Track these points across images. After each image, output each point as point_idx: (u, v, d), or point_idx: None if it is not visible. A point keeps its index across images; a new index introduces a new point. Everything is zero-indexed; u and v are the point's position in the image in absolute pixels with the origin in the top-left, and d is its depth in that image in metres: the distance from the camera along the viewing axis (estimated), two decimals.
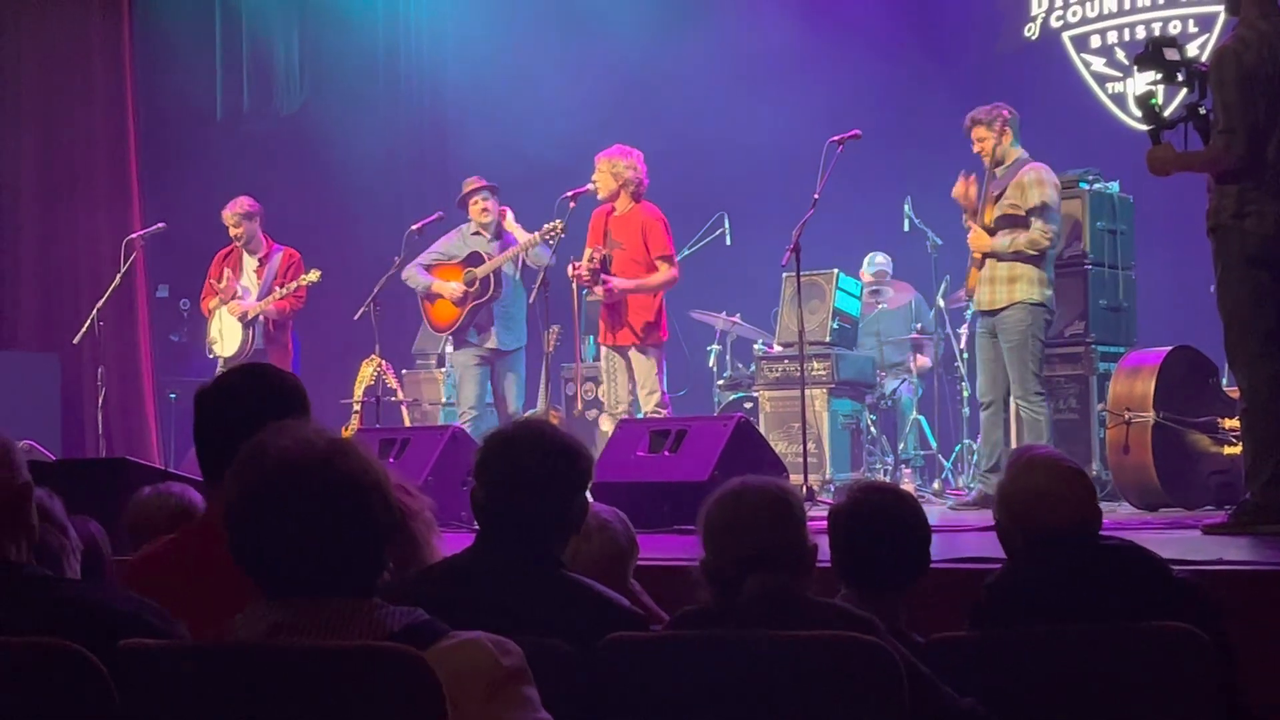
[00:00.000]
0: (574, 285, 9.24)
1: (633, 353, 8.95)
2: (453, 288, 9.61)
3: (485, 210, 9.70)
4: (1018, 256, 8.08)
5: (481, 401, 9.68)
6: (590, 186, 9.12)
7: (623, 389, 9.08)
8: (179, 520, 4.05)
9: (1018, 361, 8.12)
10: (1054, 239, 8.11)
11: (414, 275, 9.76)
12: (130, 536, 4.32)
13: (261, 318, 9.91)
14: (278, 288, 9.90)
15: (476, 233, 9.76)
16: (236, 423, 2.94)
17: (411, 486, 3.39)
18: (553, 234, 9.25)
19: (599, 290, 8.93)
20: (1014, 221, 8.10)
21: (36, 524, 2.70)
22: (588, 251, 8.98)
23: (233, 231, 10.05)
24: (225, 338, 10.01)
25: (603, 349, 9.22)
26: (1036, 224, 8.04)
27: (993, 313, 8.20)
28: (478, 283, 9.56)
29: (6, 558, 2.60)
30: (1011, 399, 8.20)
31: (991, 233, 8.16)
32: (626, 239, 8.96)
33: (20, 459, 2.66)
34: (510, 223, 9.75)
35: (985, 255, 8.18)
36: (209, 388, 3.22)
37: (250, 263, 10.09)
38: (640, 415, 8.78)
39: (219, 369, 9.90)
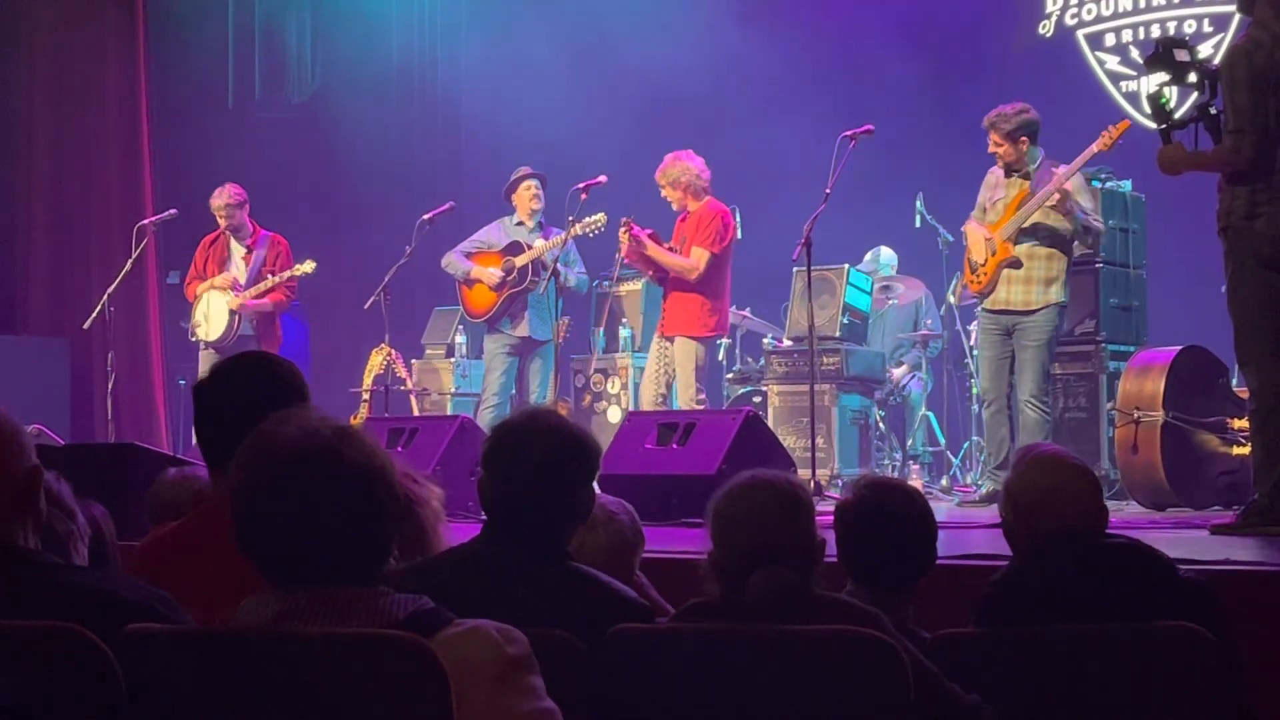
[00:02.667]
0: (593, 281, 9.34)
1: (678, 343, 9.03)
2: (491, 273, 9.68)
3: (537, 197, 9.81)
4: (1056, 238, 8.04)
5: (506, 391, 9.75)
6: (602, 179, 9.20)
7: (663, 380, 9.14)
8: (200, 503, 4.06)
9: (1037, 363, 8.07)
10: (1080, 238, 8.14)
11: (454, 261, 9.86)
12: (151, 517, 4.32)
13: (251, 307, 9.87)
14: (269, 275, 9.88)
15: (519, 223, 9.85)
16: (237, 410, 2.96)
17: (419, 475, 3.40)
18: (594, 226, 9.33)
19: (623, 235, 9.07)
20: (1046, 228, 8.08)
21: (44, 509, 2.70)
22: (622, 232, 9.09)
23: (223, 222, 10.02)
24: (211, 321, 9.95)
25: (656, 338, 9.32)
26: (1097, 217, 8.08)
27: (1022, 312, 8.12)
28: (516, 271, 9.62)
29: (14, 543, 2.60)
30: (1018, 398, 8.16)
31: (1022, 234, 8.13)
32: (691, 234, 9.06)
33: (28, 443, 2.66)
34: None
35: (1011, 255, 8.15)
36: (207, 377, 3.22)
37: (238, 249, 10.06)
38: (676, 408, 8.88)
39: (201, 352, 9.89)
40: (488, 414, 9.45)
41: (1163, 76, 6.03)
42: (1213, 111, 5.97)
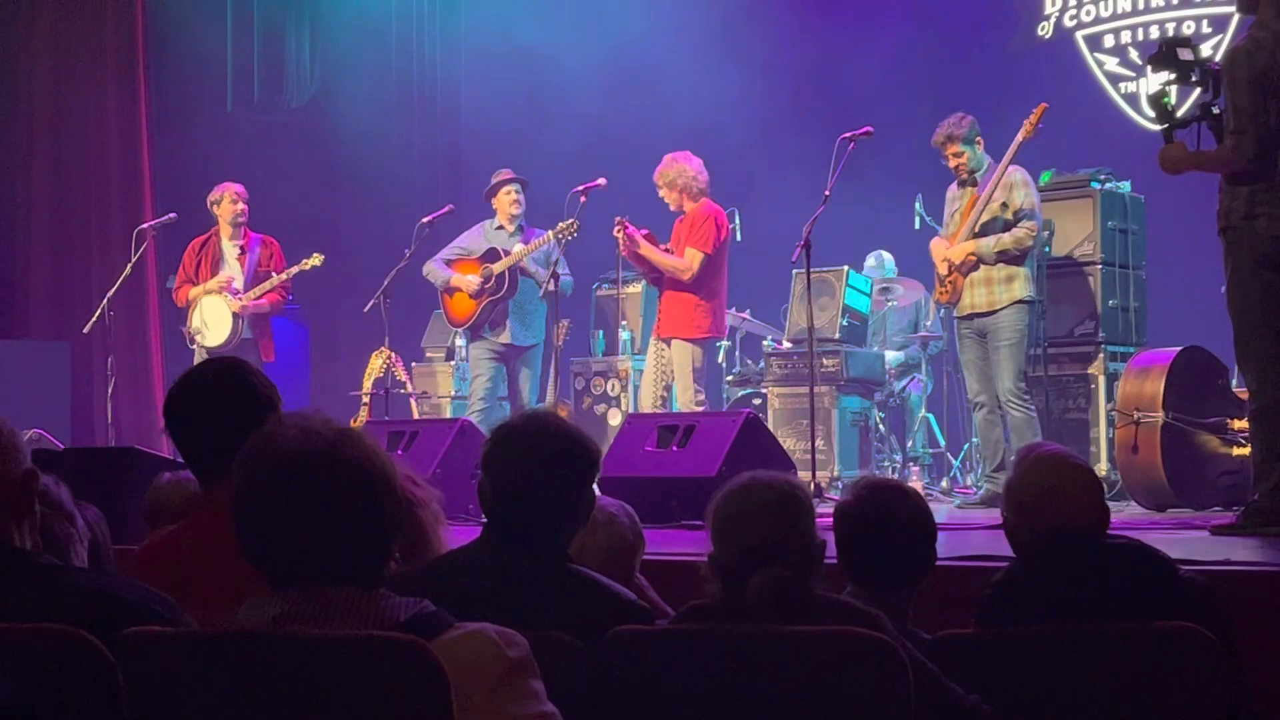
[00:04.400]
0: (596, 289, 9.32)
1: (674, 345, 9.04)
2: (470, 281, 9.63)
3: (517, 202, 9.75)
4: (1002, 257, 8.12)
5: (492, 395, 9.71)
6: (601, 182, 9.21)
7: (662, 383, 9.16)
8: (196, 506, 4.07)
9: (1010, 361, 8.13)
10: (1036, 238, 8.20)
11: (434, 270, 9.80)
12: (148, 521, 4.34)
13: (251, 309, 9.85)
14: (274, 273, 9.86)
15: (499, 227, 9.81)
16: (209, 418, 2.99)
17: (419, 478, 3.40)
18: (568, 233, 9.31)
19: (618, 234, 9.09)
20: (1001, 223, 8.15)
21: (38, 510, 2.70)
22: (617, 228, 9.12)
23: (238, 208, 9.88)
24: (211, 326, 9.87)
25: (653, 340, 9.35)
26: (1023, 224, 8.10)
27: (987, 313, 8.21)
28: (494, 279, 9.58)
29: (11, 544, 2.60)
30: (1000, 400, 8.19)
31: (976, 236, 8.19)
32: (685, 235, 9.12)
33: (23, 446, 2.67)
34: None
35: (970, 261, 8.19)
36: (176, 389, 3.22)
37: (231, 250, 9.98)
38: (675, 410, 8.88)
39: (198, 359, 9.79)
40: (474, 418, 9.43)
41: (1166, 75, 6.03)
42: (1215, 111, 5.96)
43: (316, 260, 9.90)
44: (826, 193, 8.32)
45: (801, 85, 12.08)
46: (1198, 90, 6.17)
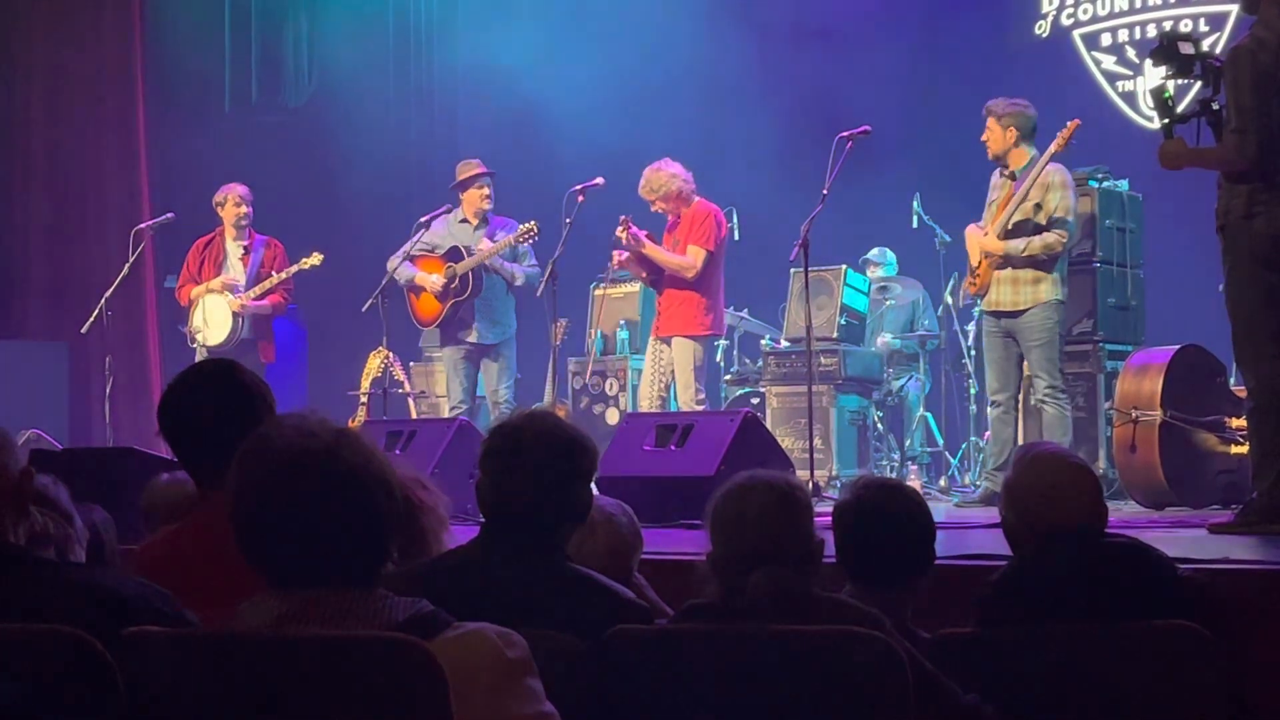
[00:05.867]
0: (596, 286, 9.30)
1: (675, 343, 9.04)
2: (434, 281, 9.59)
3: (488, 198, 9.71)
4: (1030, 261, 8.09)
5: (470, 395, 9.71)
6: (599, 181, 9.19)
7: (660, 383, 9.16)
8: (194, 507, 4.08)
9: (1045, 360, 8.09)
10: (1068, 244, 8.15)
11: (402, 269, 9.71)
12: (145, 521, 4.34)
13: (252, 308, 9.84)
14: (275, 272, 9.86)
15: (464, 220, 9.74)
16: (203, 421, 2.99)
17: (428, 481, 3.40)
18: (528, 236, 9.31)
19: (621, 234, 9.09)
20: (1033, 225, 8.10)
21: (32, 511, 2.70)
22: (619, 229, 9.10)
23: (241, 210, 9.91)
24: (212, 325, 9.87)
25: (651, 340, 9.35)
26: (1055, 230, 8.05)
27: (1015, 313, 8.15)
28: (458, 279, 9.54)
29: (6, 542, 2.60)
30: (1035, 398, 8.17)
31: (1008, 235, 8.14)
32: (685, 235, 9.15)
33: (15, 445, 2.67)
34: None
35: (999, 259, 8.16)
36: (170, 392, 3.22)
37: (235, 250, 9.98)
38: (675, 409, 8.88)
39: (199, 358, 9.79)
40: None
41: (1167, 69, 6.02)
42: (1215, 106, 5.94)
43: (316, 260, 9.89)
44: (824, 192, 8.30)
45: (799, 83, 12.06)
46: (1197, 85, 6.16)
